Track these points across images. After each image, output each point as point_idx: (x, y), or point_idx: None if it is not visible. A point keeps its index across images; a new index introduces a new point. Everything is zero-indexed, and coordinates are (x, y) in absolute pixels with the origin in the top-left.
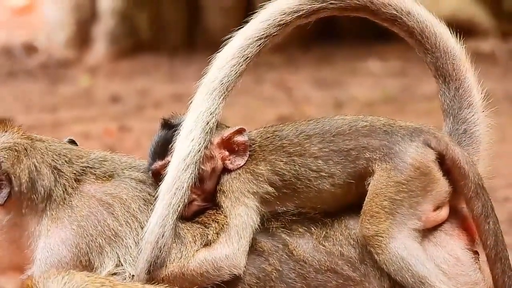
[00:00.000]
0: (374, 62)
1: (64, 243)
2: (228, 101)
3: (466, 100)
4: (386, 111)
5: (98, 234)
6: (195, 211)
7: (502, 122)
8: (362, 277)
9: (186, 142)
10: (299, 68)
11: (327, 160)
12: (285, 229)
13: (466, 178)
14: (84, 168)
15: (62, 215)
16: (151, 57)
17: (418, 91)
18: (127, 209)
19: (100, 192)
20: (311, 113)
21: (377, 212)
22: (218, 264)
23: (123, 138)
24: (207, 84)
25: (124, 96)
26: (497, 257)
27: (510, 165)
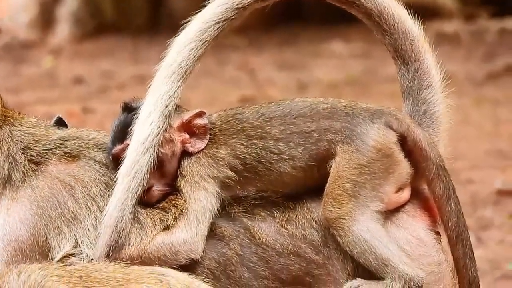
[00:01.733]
0: (338, 43)
1: (22, 222)
2: (190, 83)
3: (425, 81)
4: (349, 93)
5: (57, 216)
6: (156, 197)
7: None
8: (325, 260)
9: (145, 125)
10: (263, 50)
11: (288, 143)
12: (247, 214)
13: (428, 159)
14: (42, 151)
15: (23, 194)
16: (114, 38)
17: (382, 73)
18: (88, 192)
19: (64, 174)
20: (275, 95)
21: (339, 195)
22: (176, 249)
23: (86, 120)
24: (165, 67)
25: (88, 77)
26: (458, 239)
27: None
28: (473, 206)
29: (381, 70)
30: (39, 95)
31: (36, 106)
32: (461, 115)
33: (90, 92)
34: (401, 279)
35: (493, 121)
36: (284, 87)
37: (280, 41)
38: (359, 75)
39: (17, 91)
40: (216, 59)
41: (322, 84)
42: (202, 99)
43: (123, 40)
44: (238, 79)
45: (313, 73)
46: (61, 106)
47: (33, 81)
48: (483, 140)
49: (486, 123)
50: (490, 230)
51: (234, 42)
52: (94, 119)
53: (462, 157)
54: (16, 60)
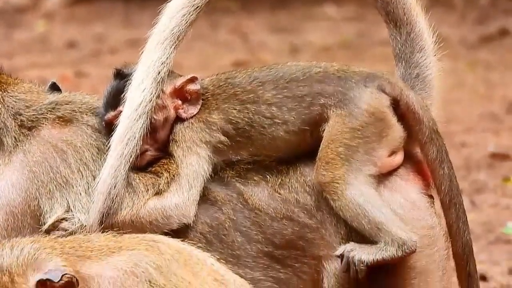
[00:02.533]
0: (330, 7)
1: (14, 186)
2: (183, 47)
3: (417, 44)
4: (342, 56)
5: (49, 180)
6: (148, 161)
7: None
8: (319, 224)
9: (138, 92)
10: (255, 14)
11: (281, 107)
12: (240, 178)
13: (421, 123)
14: (33, 116)
15: (15, 159)
16: (107, 2)
17: (375, 36)
18: (80, 157)
19: (56, 138)
20: (267, 58)
21: (332, 159)
22: (167, 213)
23: (79, 84)
24: (157, 34)
25: (80, 41)
26: (451, 203)
27: (467, 110)
28: (467, 169)
29: (374, 33)
30: (31, 60)
31: (28, 70)
32: (455, 79)
33: (82, 56)
34: (395, 243)
35: (486, 85)
36: (276, 51)
37: (273, 4)
38: (352, 38)
39: (10, 55)
40: (208, 23)
41: (315, 47)
42: (194, 63)
43: (116, 4)
44: (230, 43)
45: (305, 37)
46: (54, 71)
47: (25, 45)
48: (477, 104)
49: (479, 86)
50: (483, 194)
51: (227, 6)
52: (87, 83)
53: (456, 121)
54: (8, 25)
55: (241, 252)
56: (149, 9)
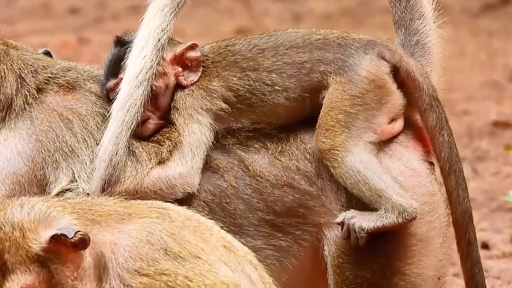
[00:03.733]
0: None
1: (20, 155)
2: (184, 13)
3: (417, 11)
4: (343, 24)
5: (55, 150)
6: (151, 130)
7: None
8: (319, 191)
9: (138, 59)
10: None
11: (281, 74)
12: (241, 145)
13: (420, 90)
14: (48, 78)
15: (21, 126)
16: None
17: (376, 4)
18: (85, 125)
19: (61, 106)
20: (269, 25)
21: (332, 126)
22: (172, 182)
23: (81, 50)
24: (157, 1)
25: (83, 7)
26: (451, 170)
27: (469, 78)
28: (469, 137)
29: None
30: (33, 26)
31: (30, 36)
32: (457, 47)
33: (85, 22)
34: (395, 209)
35: (488, 53)
36: (279, 18)
37: None
38: (353, 6)
39: (11, 21)
40: None
41: (317, 15)
42: (196, 29)
43: None
44: (232, 9)
45: (307, 4)
46: (55, 37)
47: (27, 11)
48: (479, 72)
49: (481, 54)
50: (485, 162)
51: None
52: (89, 50)
53: (458, 89)
54: None
55: (243, 221)
56: None
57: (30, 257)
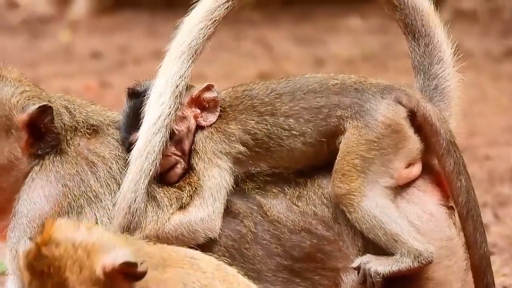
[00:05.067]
0: (354, 19)
1: (47, 198)
2: (207, 57)
3: (436, 56)
4: (366, 68)
5: (80, 194)
6: (179, 175)
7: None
8: (336, 236)
9: (156, 106)
10: (280, 25)
11: (298, 118)
12: (260, 190)
13: (438, 135)
14: (78, 121)
15: (50, 168)
16: (132, 12)
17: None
18: (108, 169)
19: (87, 150)
20: (291, 70)
21: (348, 171)
22: (193, 227)
23: (103, 94)
24: (175, 48)
25: (105, 52)
26: (469, 214)
27: (491, 123)
28: (491, 182)
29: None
30: (56, 70)
31: (53, 80)
32: (478, 92)
33: (107, 66)
34: (411, 254)
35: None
36: (300, 62)
37: (297, 15)
38: (376, 50)
39: (34, 65)
40: (233, 34)
41: (339, 59)
42: (219, 73)
43: (140, 15)
44: (255, 53)
45: (329, 49)
46: (78, 81)
47: (50, 55)
48: (501, 116)
49: (503, 99)
50: (507, 207)
51: (251, 17)
52: (111, 94)
53: (479, 133)
54: (33, 34)
55: (262, 266)
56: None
57: (93, 279)
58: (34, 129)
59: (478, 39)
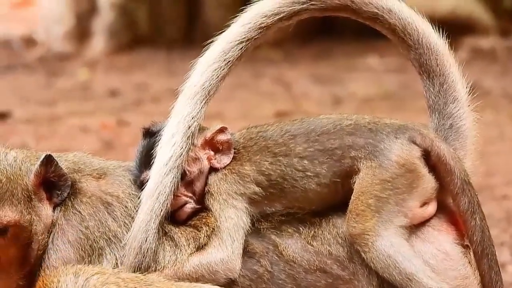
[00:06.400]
0: (373, 58)
1: (71, 244)
2: (225, 95)
3: (451, 95)
4: (384, 107)
5: (100, 235)
6: (188, 214)
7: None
8: (351, 276)
9: (168, 147)
10: (298, 64)
11: (313, 160)
12: (275, 230)
13: (452, 174)
14: (84, 163)
15: (71, 211)
16: (149, 51)
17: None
18: (124, 208)
19: (98, 190)
20: (310, 109)
21: (363, 211)
22: (214, 269)
23: (121, 132)
24: (188, 88)
25: (122, 90)
26: (483, 253)
27: (509, 162)
28: (508, 222)
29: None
30: (73, 108)
31: (70, 118)
32: (497, 131)
33: (124, 104)
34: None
35: None
36: (319, 101)
37: (315, 54)
38: (394, 90)
39: (52, 103)
40: (251, 72)
41: (357, 98)
42: (236, 112)
43: (158, 53)
44: (273, 92)
45: (348, 88)
46: (95, 119)
47: (67, 93)
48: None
49: None
50: None
51: (269, 56)
52: (128, 132)
53: (497, 173)
54: (51, 72)
55: None
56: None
57: None
58: (47, 183)
59: (496, 78)
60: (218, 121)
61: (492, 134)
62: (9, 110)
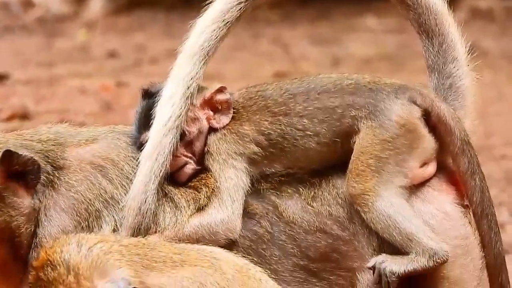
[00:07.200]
0: (372, 18)
1: (64, 211)
2: (224, 56)
3: (450, 55)
4: (383, 68)
5: (95, 197)
6: (189, 175)
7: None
8: (351, 236)
9: (167, 107)
10: (296, 24)
11: (312, 119)
12: (275, 191)
13: (452, 134)
14: (62, 141)
15: (58, 184)
16: (148, 12)
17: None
18: (120, 170)
19: (89, 156)
20: (308, 69)
21: (363, 171)
22: (214, 229)
23: (120, 94)
24: (187, 49)
25: (121, 51)
26: (483, 214)
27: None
28: (507, 182)
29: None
30: (72, 69)
31: (69, 80)
32: (495, 92)
33: (123, 66)
34: (426, 253)
35: None
36: (318, 62)
37: (314, 15)
38: (393, 50)
39: (50, 64)
40: (250, 33)
41: (356, 59)
42: (236, 73)
43: (157, 14)
44: (272, 53)
45: (347, 48)
46: (94, 80)
47: (66, 54)
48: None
49: None
50: None
51: (268, 17)
52: (127, 93)
53: (496, 133)
54: (49, 34)
55: (278, 267)
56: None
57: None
58: (14, 174)
59: (494, 38)
60: (217, 81)
61: (491, 95)
62: (8, 72)
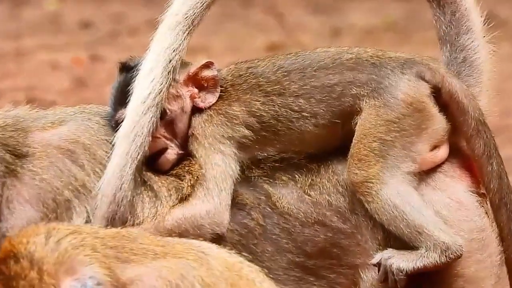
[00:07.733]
0: None
1: (28, 201)
2: (211, 28)
3: (464, 25)
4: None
5: (63, 186)
6: (171, 162)
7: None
8: (353, 229)
9: (146, 82)
10: None
11: (309, 98)
12: (267, 178)
13: (466, 113)
14: (24, 126)
15: (22, 173)
16: None
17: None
18: (92, 156)
19: (56, 138)
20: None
21: (365, 155)
22: (199, 222)
23: (94, 69)
24: (169, 18)
25: (96, 21)
26: (501, 202)
27: None
28: None
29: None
30: (41, 41)
31: (38, 53)
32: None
33: (98, 37)
34: (437, 247)
35: None
36: (316, 33)
37: None
38: (399, 19)
39: (17, 36)
40: (240, 1)
41: (358, 30)
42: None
43: None
44: (265, 23)
45: (348, 18)
46: (66, 54)
47: (34, 25)
48: None
49: None
50: None
51: None
52: (103, 68)
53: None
54: (15, 2)
55: (272, 264)
56: None
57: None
58: None
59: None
60: (203, 55)
61: (510, 70)
62: None
